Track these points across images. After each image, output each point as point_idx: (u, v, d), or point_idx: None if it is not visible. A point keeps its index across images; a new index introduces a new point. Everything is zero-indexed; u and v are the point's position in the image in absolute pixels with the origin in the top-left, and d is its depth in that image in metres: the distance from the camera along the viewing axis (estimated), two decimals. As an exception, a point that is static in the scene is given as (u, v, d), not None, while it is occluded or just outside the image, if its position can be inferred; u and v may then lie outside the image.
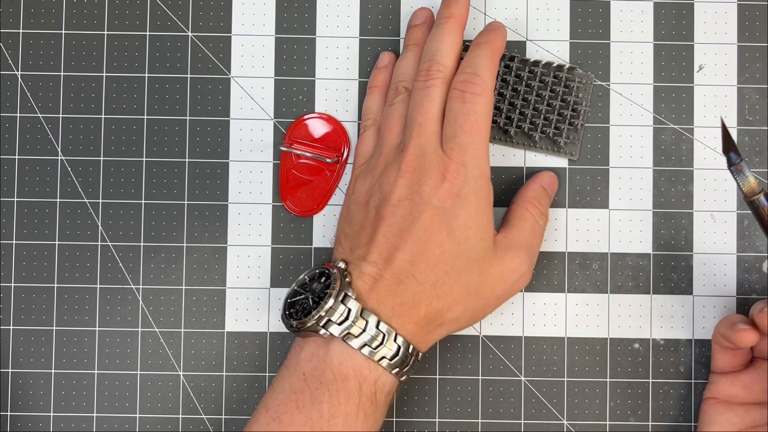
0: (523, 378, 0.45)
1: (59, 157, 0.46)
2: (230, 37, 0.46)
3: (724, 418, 0.42)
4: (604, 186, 0.46)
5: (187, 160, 0.46)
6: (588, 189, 0.46)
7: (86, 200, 0.46)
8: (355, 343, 0.38)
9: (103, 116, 0.46)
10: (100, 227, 0.46)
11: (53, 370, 0.45)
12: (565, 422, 0.45)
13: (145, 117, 0.46)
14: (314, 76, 0.46)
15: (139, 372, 0.45)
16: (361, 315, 0.38)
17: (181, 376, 0.45)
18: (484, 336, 0.45)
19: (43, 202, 0.46)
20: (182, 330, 0.45)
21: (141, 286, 0.46)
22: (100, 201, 0.46)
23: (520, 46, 0.46)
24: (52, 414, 0.45)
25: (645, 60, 0.46)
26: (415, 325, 0.39)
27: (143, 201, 0.46)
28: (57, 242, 0.46)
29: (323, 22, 0.46)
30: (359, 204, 0.41)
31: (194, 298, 0.46)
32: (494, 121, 0.43)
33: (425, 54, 0.42)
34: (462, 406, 0.45)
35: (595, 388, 0.45)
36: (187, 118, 0.46)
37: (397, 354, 0.38)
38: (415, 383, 0.45)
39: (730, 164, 0.38)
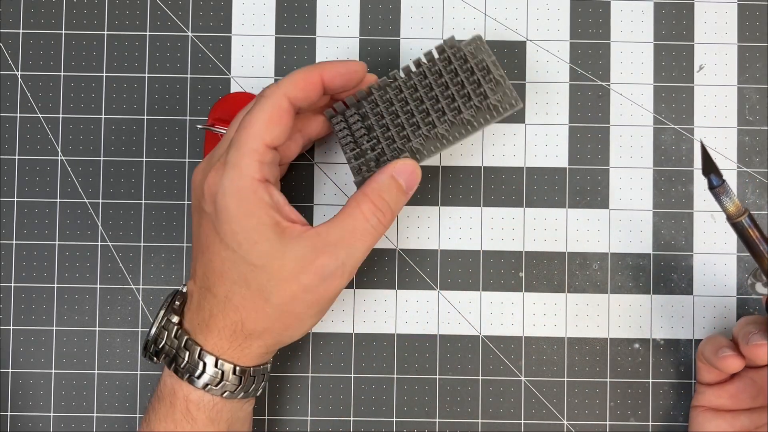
0: (523, 378, 0.45)
1: (59, 157, 0.46)
2: (230, 37, 0.46)
3: (713, 425, 0.42)
4: (604, 186, 0.46)
5: (186, 160, 0.46)
6: (588, 189, 0.46)
7: (86, 200, 0.46)
8: (176, 366, 0.38)
9: (103, 116, 0.46)
10: (100, 227, 0.46)
11: (53, 370, 0.45)
12: (565, 422, 0.45)
13: (145, 117, 0.46)
14: (314, 76, 0.46)
15: (138, 372, 0.45)
16: (174, 336, 0.39)
17: (181, 376, 0.45)
18: (484, 336, 0.45)
19: (43, 202, 0.46)
20: (182, 330, 0.45)
21: (141, 286, 0.46)
22: (100, 201, 0.46)
23: (520, 46, 0.46)
24: (52, 414, 0.45)
25: (645, 60, 0.46)
26: (218, 338, 0.38)
27: (143, 201, 0.46)
28: (57, 242, 0.46)
29: (323, 22, 0.46)
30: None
31: (194, 298, 0.46)
32: (417, 134, 0.40)
33: None
34: (462, 406, 0.45)
35: (595, 388, 0.45)
36: (187, 118, 0.46)
37: (204, 371, 0.38)
38: (415, 383, 0.45)
39: (712, 187, 0.37)
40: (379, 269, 0.46)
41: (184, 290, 0.40)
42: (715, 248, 0.45)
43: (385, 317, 0.45)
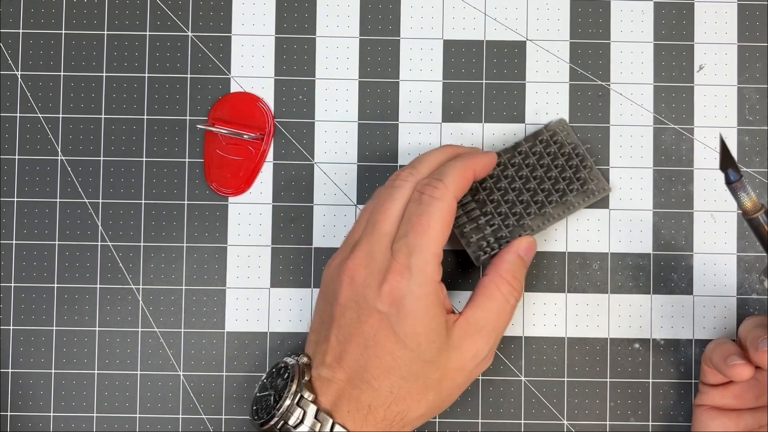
0: (523, 378, 0.45)
1: (59, 157, 0.46)
2: (230, 37, 0.46)
3: (717, 423, 0.41)
4: (604, 186, 0.46)
5: (186, 160, 0.46)
6: (588, 189, 0.46)
7: (86, 200, 0.46)
8: None
9: (103, 116, 0.46)
10: (100, 227, 0.46)
11: (53, 370, 0.45)
12: (565, 422, 0.45)
13: (145, 117, 0.46)
14: (314, 76, 0.46)
15: (139, 372, 0.45)
16: (316, 418, 0.37)
17: (181, 376, 0.45)
18: (484, 336, 0.45)
19: (43, 202, 0.46)
20: (182, 330, 0.45)
21: (141, 286, 0.46)
22: (100, 201, 0.46)
23: (520, 46, 0.46)
24: (52, 414, 0.45)
25: (645, 60, 0.46)
26: (373, 428, 0.38)
27: (143, 201, 0.46)
28: (57, 242, 0.46)
29: (323, 22, 0.46)
30: (322, 296, 0.41)
31: (194, 298, 0.46)
32: (528, 213, 0.43)
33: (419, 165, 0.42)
34: (462, 406, 0.45)
35: (595, 388, 0.45)
36: (187, 118, 0.46)
37: None
38: (415, 383, 0.45)
39: (729, 182, 0.37)
40: (379, 269, 0.45)
41: (304, 361, 0.39)
42: (715, 248, 0.45)
43: (385, 317, 0.45)
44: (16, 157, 0.46)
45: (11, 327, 0.45)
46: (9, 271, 0.46)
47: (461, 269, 0.46)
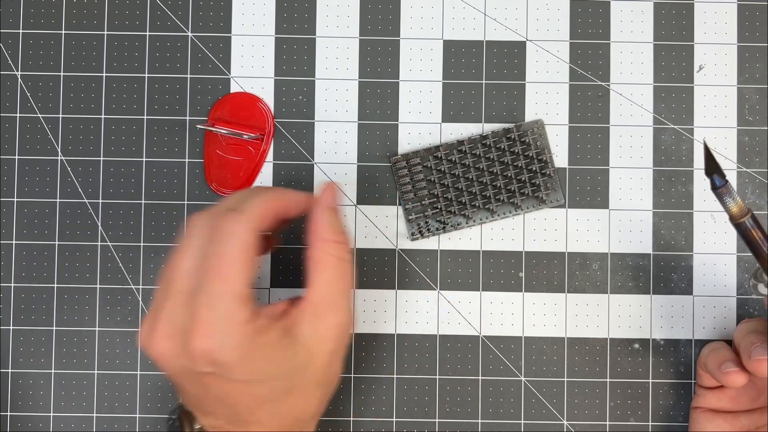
0: (523, 378, 0.45)
1: (59, 157, 0.46)
2: (230, 37, 0.46)
3: (713, 425, 0.42)
4: (604, 186, 0.46)
5: (186, 160, 0.46)
6: (588, 189, 0.46)
7: (86, 200, 0.46)
8: None
9: (103, 116, 0.46)
10: (100, 227, 0.46)
11: (53, 370, 0.45)
12: (565, 422, 0.45)
13: (145, 117, 0.46)
14: (314, 76, 0.46)
15: (138, 372, 0.45)
16: None
17: (181, 376, 0.45)
18: (484, 336, 0.45)
19: (43, 202, 0.46)
20: (182, 330, 0.45)
21: (141, 286, 0.46)
22: (100, 201, 0.46)
23: (520, 46, 0.46)
24: (52, 414, 0.45)
25: (645, 60, 0.46)
26: None
27: (143, 201, 0.46)
28: (57, 242, 0.46)
29: (323, 22, 0.46)
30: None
31: (194, 298, 0.46)
32: (473, 205, 0.44)
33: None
34: (462, 406, 0.45)
35: (595, 388, 0.45)
36: (187, 118, 0.46)
37: None
38: (415, 383, 0.45)
39: (714, 187, 0.37)
40: (379, 269, 0.46)
41: (180, 412, 0.37)
42: (715, 248, 0.45)
43: (385, 317, 0.45)
44: (16, 157, 0.46)
45: (11, 327, 0.45)
46: (9, 271, 0.46)
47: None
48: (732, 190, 0.37)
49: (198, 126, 0.45)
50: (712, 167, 0.37)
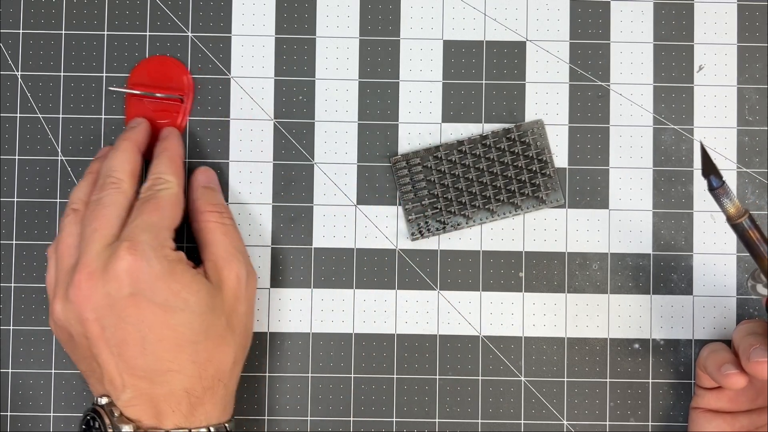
0: (523, 378, 0.45)
1: (59, 157, 0.46)
2: (230, 37, 0.46)
3: (713, 425, 0.42)
4: (604, 186, 0.46)
5: (187, 160, 0.46)
6: (588, 189, 0.46)
7: (86, 200, 0.46)
8: None
9: (102, 116, 0.46)
10: (100, 227, 0.46)
11: (53, 370, 0.45)
12: (565, 422, 0.45)
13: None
14: (314, 76, 0.46)
15: (139, 372, 0.45)
16: None
17: (181, 376, 0.45)
18: (484, 336, 0.45)
19: (43, 202, 0.46)
20: (182, 330, 0.45)
21: (141, 286, 0.46)
22: (100, 201, 0.46)
23: (520, 46, 0.46)
24: (52, 414, 0.45)
25: (645, 60, 0.46)
26: (207, 406, 0.38)
27: (143, 201, 0.46)
28: (57, 242, 0.46)
29: (323, 22, 0.46)
30: (67, 338, 0.39)
31: (194, 298, 0.45)
32: (473, 205, 0.44)
33: (100, 175, 0.41)
34: (462, 406, 0.45)
35: (595, 388, 0.45)
36: (187, 118, 0.46)
37: None
38: (415, 383, 0.45)
39: (711, 188, 0.37)
40: (379, 269, 0.46)
41: (103, 402, 0.37)
42: (714, 248, 0.45)
43: (385, 317, 0.45)
44: (16, 157, 0.46)
45: (11, 327, 0.45)
46: (9, 271, 0.46)
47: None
48: (729, 191, 0.36)
49: (111, 88, 0.45)
50: (709, 168, 0.37)
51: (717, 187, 0.36)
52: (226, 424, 0.39)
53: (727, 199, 0.36)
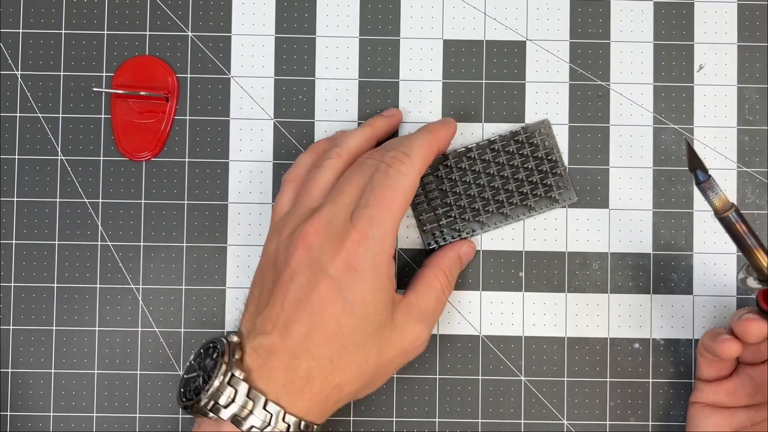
0: (523, 378, 0.45)
1: (59, 157, 0.46)
2: (230, 37, 0.46)
3: (711, 422, 0.42)
4: (604, 186, 0.46)
5: (186, 160, 0.46)
6: (588, 189, 0.46)
7: (86, 200, 0.46)
8: (245, 426, 0.36)
9: (102, 116, 0.46)
10: (100, 227, 0.46)
11: (53, 370, 0.45)
12: (565, 422, 0.45)
13: (145, 117, 0.46)
14: (314, 76, 0.46)
15: (139, 372, 0.45)
16: (248, 396, 0.36)
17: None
18: (484, 336, 0.45)
19: (43, 202, 0.46)
20: (182, 330, 0.45)
21: (141, 286, 0.46)
22: (100, 201, 0.46)
23: (520, 46, 0.46)
24: (52, 414, 0.45)
25: (645, 60, 0.46)
26: (309, 402, 0.37)
27: (143, 201, 0.46)
28: (57, 242, 0.46)
29: (323, 22, 0.46)
30: (268, 264, 0.40)
31: (194, 298, 0.46)
32: (487, 210, 0.44)
33: (388, 144, 0.42)
34: (462, 406, 0.45)
35: (595, 388, 0.45)
36: (187, 118, 0.46)
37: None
38: (415, 383, 0.45)
39: (698, 182, 0.37)
40: (379, 269, 0.45)
41: (233, 339, 0.38)
42: (715, 248, 0.45)
43: (385, 317, 0.45)
44: (16, 157, 0.46)
45: (11, 327, 0.45)
46: (9, 271, 0.46)
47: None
48: (715, 184, 0.37)
49: (95, 88, 0.45)
50: (695, 163, 0.37)
51: (703, 181, 0.37)
52: (315, 425, 0.38)
53: (712, 192, 0.37)
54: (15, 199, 0.46)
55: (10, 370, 0.45)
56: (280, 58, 0.46)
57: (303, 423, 0.37)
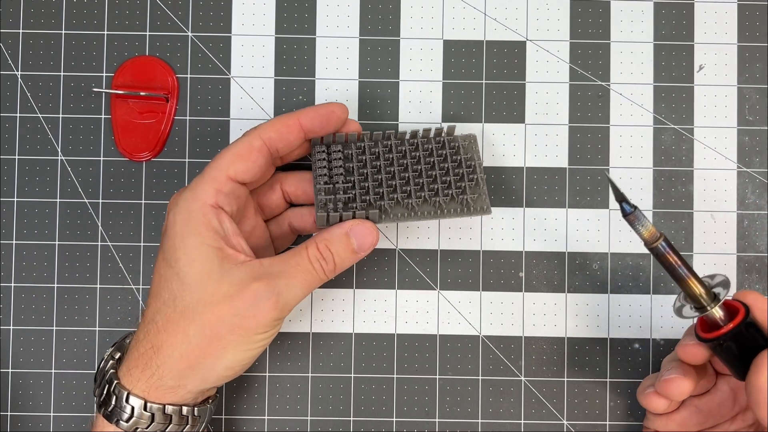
0: (523, 378, 0.45)
1: (59, 157, 0.46)
2: (230, 37, 0.46)
3: None
4: (604, 186, 0.46)
5: (187, 160, 0.46)
6: (588, 189, 0.46)
7: (86, 200, 0.46)
8: (102, 410, 0.38)
9: (102, 116, 0.46)
10: (100, 227, 0.46)
11: (53, 370, 0.45)
12: (565, 422, 0.45)
13: (145, 117, 0.46)
14: (314, 76, 0.46)
15: (139, 372, 0.45)
16: (113, 392, 0.37)
17: (181, 376, 0.45)
18: (484, 336, 0.45)
19: (43, 202, 0.46)
20: (182, 330, 0.45)
21: (141, 286, 0.46)
22: (100, 201, 0.46)
23: (520, 46, 0.46)
24: (52, 414, 0.45)
25: (645, 60, 0.46)
26: (140, 377, 0.37)
27: (143, 201, 0.46)
28: (57, 242, 0.46)
29: (323, 22, 0.46)
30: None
31: (194, 298, 0.46)
32: (391, 198, 0.41)
33: None
34: (462, 406, 0.45)
35: (595, 388, 0.45)
36: (187, 118, 0.46)
37: (131, 415, 0.37)
38: (415, 383, 0.45)
39: (625, 214, 0.37)
40: (379, 269, 0.46)
41: (116, 356, 0.39)
42: (715, 248, 0.45)
43: (385, 317, 0.45)
44: (16, 157, 0.46)
45: (11, 327, 0.45)
46: (9, 271, 0.46)
47: (461, 269, 0.46)
48: (641, 216, 0.36)
49: (94, 89, 0.46)
50: (620, 196, 0.37)
51: (629, 213, 0.37)
52: (166, 405, 0.37)
53: (639, 224, 0.37)
54: (15, 199, 0.46)
55: (10, 370, 0.45)
56: (280, 58, 0.46)
57: (145, 403, 0.37)
